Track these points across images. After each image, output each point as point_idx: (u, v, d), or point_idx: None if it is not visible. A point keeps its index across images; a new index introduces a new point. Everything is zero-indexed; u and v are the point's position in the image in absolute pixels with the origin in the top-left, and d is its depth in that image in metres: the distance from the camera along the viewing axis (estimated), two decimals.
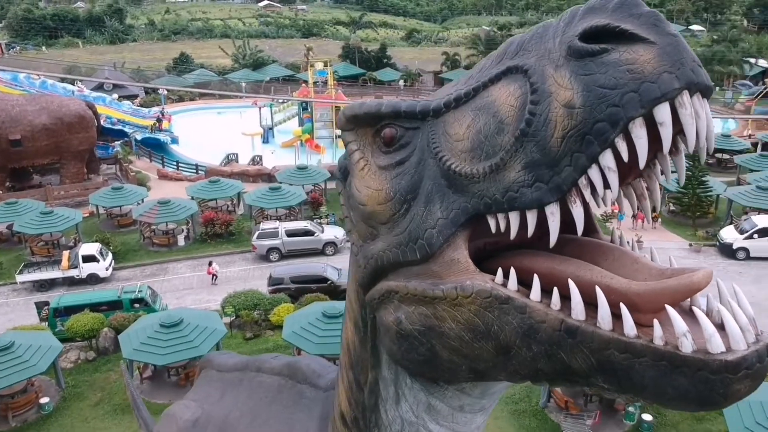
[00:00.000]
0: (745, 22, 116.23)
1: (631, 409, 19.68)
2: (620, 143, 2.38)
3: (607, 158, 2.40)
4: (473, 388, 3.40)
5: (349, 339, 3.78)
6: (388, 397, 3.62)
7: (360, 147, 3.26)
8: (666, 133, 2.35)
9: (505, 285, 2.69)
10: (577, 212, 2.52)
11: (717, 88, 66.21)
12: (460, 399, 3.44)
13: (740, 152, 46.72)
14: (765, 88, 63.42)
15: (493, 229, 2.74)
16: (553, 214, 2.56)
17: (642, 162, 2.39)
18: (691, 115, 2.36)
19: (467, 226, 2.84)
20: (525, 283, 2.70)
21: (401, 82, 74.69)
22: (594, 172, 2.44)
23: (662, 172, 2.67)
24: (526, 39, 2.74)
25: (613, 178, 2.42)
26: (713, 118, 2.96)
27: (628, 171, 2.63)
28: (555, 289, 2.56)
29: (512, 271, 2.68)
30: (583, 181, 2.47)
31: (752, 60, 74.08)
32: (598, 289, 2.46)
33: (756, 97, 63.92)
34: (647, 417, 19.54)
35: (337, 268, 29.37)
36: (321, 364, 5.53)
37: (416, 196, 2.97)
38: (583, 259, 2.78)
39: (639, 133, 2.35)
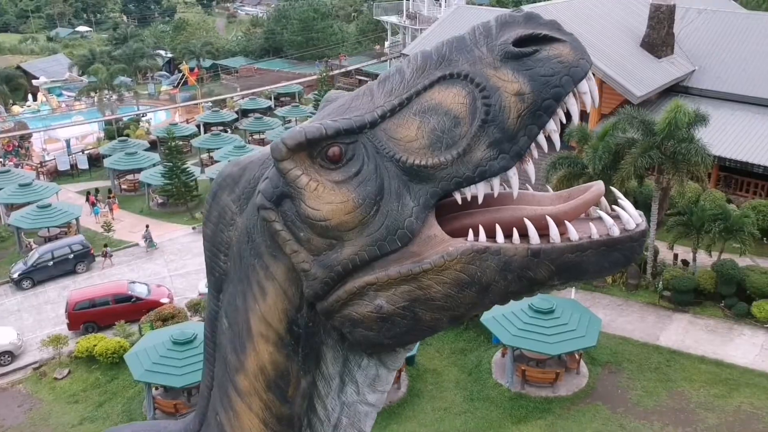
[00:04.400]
0: (125, 18, 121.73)
1: None
2: (560, 112, 3.39)
3: (552, 124, 3.25)
4: (417, 343, 3.85)
5: (264, 362, 3.86)
6: (330, 390, 3.91)
7: (304, 171, 3.47)
8: (587, 99, 3.28)
9: (476, 240, 3.32)
10: (531, 168, 3.34)
11: (137, 83, 68.48)
12: (402, 356, 4.03)
13: (190, 137, 50.30)
14: (183, 76, 68.53)
15: (460, 202, 3.36)
16: (515, 174, 3.29)
17: (575, 118, 3.45)
18: (594, 84, 3.51)
19: (433, 206, 3.39)
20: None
21: None
22: (541, 137, 3.26)
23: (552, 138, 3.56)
24: (444, 52, 3.36)
25: (556, 137, 3.29)
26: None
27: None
28: (514, 229, 3.30)
29: (480, 227, 3.34)
30: (533, 145, 3.26)
31: (162, 52, 78.87)
32: (548, 218, 3.28)
33: (177, 85, 68.73)
34: None
35: None
36: (147, 425, 4.95)
37: (383, 196, 3.42)
38: (497, 205, 3.50)
39: (572, 101, 3.24)
